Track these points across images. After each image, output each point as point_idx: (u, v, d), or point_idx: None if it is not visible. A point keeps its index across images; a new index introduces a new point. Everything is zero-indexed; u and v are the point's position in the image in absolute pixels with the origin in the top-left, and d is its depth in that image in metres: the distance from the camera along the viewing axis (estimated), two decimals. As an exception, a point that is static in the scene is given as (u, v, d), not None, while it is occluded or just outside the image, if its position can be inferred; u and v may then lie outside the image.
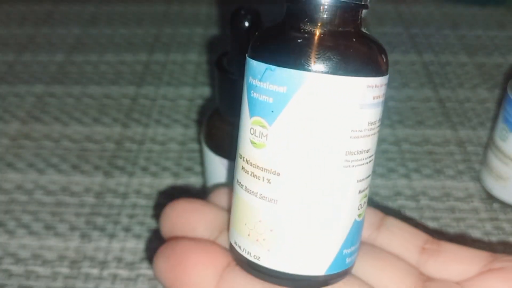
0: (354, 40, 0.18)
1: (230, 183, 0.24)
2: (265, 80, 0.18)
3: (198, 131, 0.44)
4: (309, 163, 0.18)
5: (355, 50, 0.18)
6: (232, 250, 0.20)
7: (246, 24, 0.26)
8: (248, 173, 0.19)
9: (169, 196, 0.38)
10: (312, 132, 0.18)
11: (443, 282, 0.19)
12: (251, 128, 0.19)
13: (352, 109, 0.18)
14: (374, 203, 0.36)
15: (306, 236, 0.19)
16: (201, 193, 0.38)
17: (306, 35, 0.18)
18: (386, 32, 0.57)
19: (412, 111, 0.46)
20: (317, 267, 0.19)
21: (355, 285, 0.19)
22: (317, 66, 0.18)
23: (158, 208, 0.37)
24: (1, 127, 0.45)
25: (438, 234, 0.35)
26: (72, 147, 0.43)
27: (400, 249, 0.20)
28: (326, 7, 0.18)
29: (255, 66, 0.18)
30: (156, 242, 0.34)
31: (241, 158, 0.20)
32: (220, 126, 0.29)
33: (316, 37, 0.18)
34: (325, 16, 0.18)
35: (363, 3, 0.19)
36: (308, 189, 0.19)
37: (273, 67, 0.18)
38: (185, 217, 0.20)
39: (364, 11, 0.19)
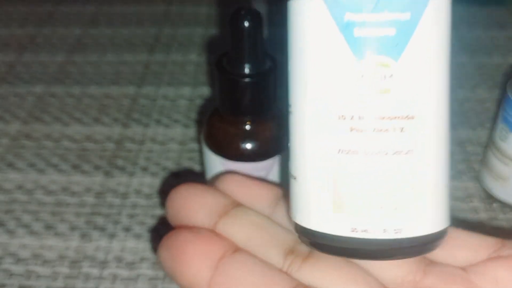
0: None
1: None
2: (381, 10, 0.15)
3: (198, 131, 0.44)
4: (446, 95, 0.16)
5: None
6: (347, 243, 0.16)
7: (246, 24, 0.26)
8: (366, 132, 0.15)
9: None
10: (445, 57, 0.16)
11: (445, 266, 0.19)
12: (363, 75, 0.15)
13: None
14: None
15: (444, 186, 0.17)
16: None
17: None
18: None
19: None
20: (448, 218, 0.17)
21: (358, 275, 0.19)
22: None
23: (158, 208, 0.37)
24: (2, 127, 0.45)
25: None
26: (73, 147, 0.43)
27: None
28: None
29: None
30: (157, 241, 0.35)
31: (343, 119, 0.15)
32: (220, 126, 0.29)
33: None
34: None
35: None
36: (445, 127, 0.16)
37: None
38: (186, 204, 0.20)
39: None
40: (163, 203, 0.37)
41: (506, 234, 0.35)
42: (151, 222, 0.36)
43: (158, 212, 0.37)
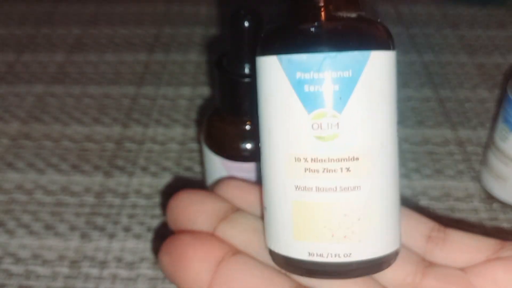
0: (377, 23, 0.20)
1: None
2: (325, 70, 0.18)
3: (198, 131, 0.44)
4: (390, 137, 0.19)
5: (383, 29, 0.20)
6: (306, 265, 0.19)
7: (246, 24, 0.26)
8: (318, 172, 0.18)
9: (169, 196, 0.38)
10: (386, 105, 0.18)
11: (445, 267, 0.19)
12: (313, 124, 0.18)
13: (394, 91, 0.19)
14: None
15: (391, 214, 0.19)
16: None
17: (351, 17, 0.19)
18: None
19: (412, 111, 0.46)
20: (398, 241, 0.19)
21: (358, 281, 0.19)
22: (378, 44, 0.18)
23: (158, 208, 0.37)
24: (1, 127, 0.45)
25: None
26: (72, 147, 0.43)
27: (406, 238, 0.20)
28: None
29: (305, 60, 0.18)
30: (157, 241, 0.35)
31: (299, 161, 0.18)
32: (220, 126, 0.29)
33: (364, 21, 0.19)
34: None
35: None
36: (391, 163, 0.19)
37: (333, 54, 0.18)
38: (185, 209, 0.20)
39: None
40: (163, 203, 0.37)
41: (507, 234, 0.35)
42: (151, 222, 0.36)
43: (158, 212, 0.37)
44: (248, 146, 0.29)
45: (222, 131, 0.29)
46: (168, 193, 0.38)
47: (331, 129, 0.18)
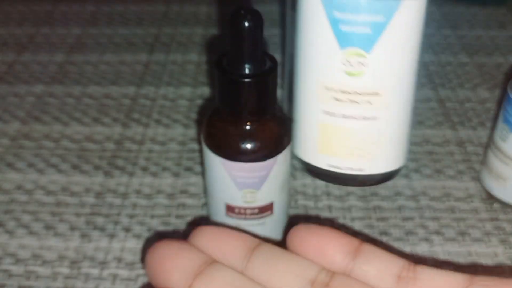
0: None
1: (228, 182, 0.25)
2: (360, 12, 0.20)
3: (198, 131, 0.44)
4: (408, 77, 0.22)
5: None
6: (326, 174, 0.23)
7: (246, 24, 0.26)
8: (344, 102, 0.22)
9: (169, 196, 0.38)
10: (410, 47, 0.21)
11: None
12: (345, 61, 0.21)
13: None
14: (372, 203, 0.36)
15: (400, 141, 0.24)
16: (201, 194, 0.38)
17: None
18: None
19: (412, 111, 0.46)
20: (402, 160, 0.25)
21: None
22: None
23: (158, 208, 0.37)
24: (1, 127, 0.45)
25: (438, 234, 0.35)
26: (72, 147, 0.43)
27: (376, 280, 0.20)
28: None
29: (343, 1, 0.20)
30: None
31: (329, 90, 0.22)
32: (220, 126, 0.29)
33: None
34: None
35: None
36: (406, 99, 0.22)
37: None
38: (161, 265, 0.20)
39: None
40: (163, 203, 0.37)
41: (507, 234, 0.35)
42: (151, 222, 0.36)
43: (158, 212, 0.37)
44: (248, 146, 0.29)
45: (222, 131, 0.29)
46: (169, 192, 0.38)
47: (359, 66, 0.21)
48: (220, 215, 0.32)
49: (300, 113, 0.24)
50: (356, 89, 0.22)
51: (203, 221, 0.36)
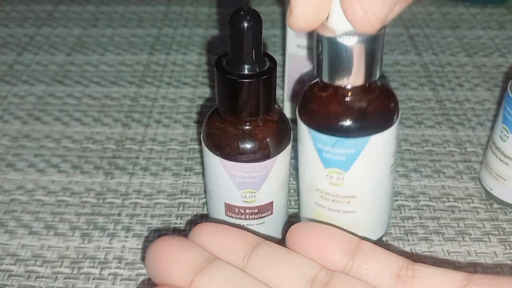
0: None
1: (226, 182, 0.28)
2: (337, 147, 0.25)
3: (198, 131, 0.44)
4: (381, 183, 0.28)
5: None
6: None
7: (246, 24, 0.26)
8: (329, 200, 0.29)
9: (169, 196, 0.38)
10: (381, 164, 0.26)
11: None
12: (328, 175, 0.27)
13: (394, 145, 0.28)
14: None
15: (376, 221, 0.30)
16: (201, 193, 0.38)
17: (360, 111, 0.26)
18: (386, 32, 0.57)
19: (412, 111, 0.46)
20: (380, 233, 0.32)
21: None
22: (379, 128, 0.25)
23: (159, 208, 0.37)
24: (2, 127, 0.45)
25: (438, 234, 0.35)
26: (73, 147, 0.43)
27: (375, 278, 0.20)
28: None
29: (324, 138, 0.26)
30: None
31: (318, 191, 0.29)
32: (219, 126, 0.29)
33: (365, 112, 0.26)
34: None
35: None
36: (379, 197, 0.29)
37: (342, 139, 0.25)
38: (162, 261, 0.20)
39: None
40: (163, 203, 0.37)
41: (507, 234, 0.35)
42: (151, 222, 0.36)
43: (158, 212, 0.37)
44: (247, 146, 0.29)
45: (222, 131, 0.29)
46: (169, 192, 0.38)
47: (338, 180, 0.26)
48: (220, 215, 0.32)
49: (302, 200, 0.31)
50: (337, 194, 0.28)
51: (203, 220, 0.36)
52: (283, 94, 0.45)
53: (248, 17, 0.26)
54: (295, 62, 0.41)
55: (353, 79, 0.25)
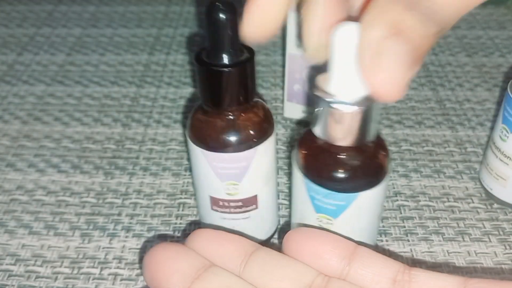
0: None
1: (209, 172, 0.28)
2: (328, 198, 0.27)
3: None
4: (368, 229, 0.29)
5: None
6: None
7: (220, 15, 0.26)
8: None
9: (169, 196, 0.38)
10: (369, 212, 0.28)
11: None
12: (317, 219, 0.28)
13: (383, 197, 0.28)
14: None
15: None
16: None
17: (349, 171, 0.26)
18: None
19: (412, 111, 0.46)
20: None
21: None
22: (368, 186, 0.27)
23: (159, 208, 0.37)
24: (2, 127, 0.45)
25: (438, 234, 0.35)
26: (73, 147, 0.43)
27: (372, 283, 0.20)
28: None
29: (318, 189, 0.27)
30: (157, 241, 0.35)
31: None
32: (202, 119, 0.29)
33: (357, 173, 0.27)
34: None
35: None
36: (368, 232, 0.29)
37: (333, 192, 0.26)
38: (160, 269, 0.20)
39: None
40: (163, 203, 0.37)
41: (507, 234, 0.35)
42: (151, 222, 0.36)
43: (158, 212, 0.37)
44: (229, 136, 0.29)
45: (204, 123, 0.29)
46: (169, 192, 0.38)
47: (328, 224, 0.28)
48: (206, 209, 0.32)
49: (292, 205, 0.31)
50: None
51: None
52: (283, 94, 0.45)
53: (223, 9, 0.26)
54: (295, 62, 0.41)
55: (349, 140, 0.25)
